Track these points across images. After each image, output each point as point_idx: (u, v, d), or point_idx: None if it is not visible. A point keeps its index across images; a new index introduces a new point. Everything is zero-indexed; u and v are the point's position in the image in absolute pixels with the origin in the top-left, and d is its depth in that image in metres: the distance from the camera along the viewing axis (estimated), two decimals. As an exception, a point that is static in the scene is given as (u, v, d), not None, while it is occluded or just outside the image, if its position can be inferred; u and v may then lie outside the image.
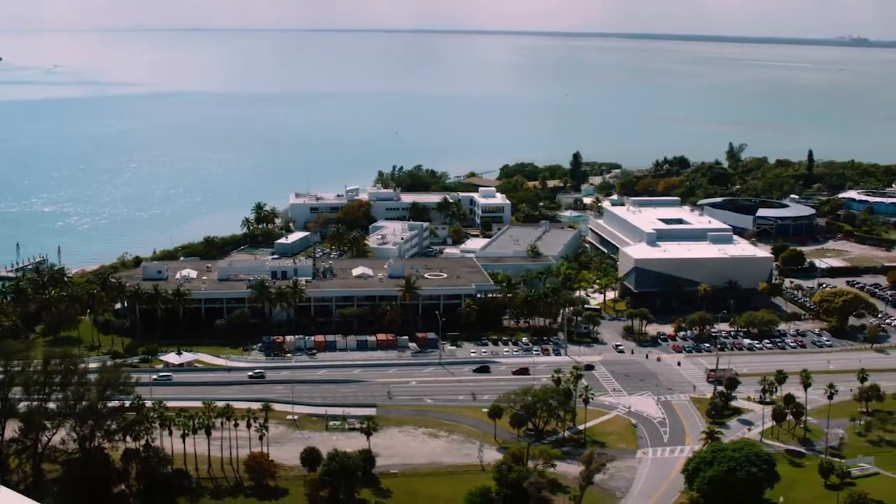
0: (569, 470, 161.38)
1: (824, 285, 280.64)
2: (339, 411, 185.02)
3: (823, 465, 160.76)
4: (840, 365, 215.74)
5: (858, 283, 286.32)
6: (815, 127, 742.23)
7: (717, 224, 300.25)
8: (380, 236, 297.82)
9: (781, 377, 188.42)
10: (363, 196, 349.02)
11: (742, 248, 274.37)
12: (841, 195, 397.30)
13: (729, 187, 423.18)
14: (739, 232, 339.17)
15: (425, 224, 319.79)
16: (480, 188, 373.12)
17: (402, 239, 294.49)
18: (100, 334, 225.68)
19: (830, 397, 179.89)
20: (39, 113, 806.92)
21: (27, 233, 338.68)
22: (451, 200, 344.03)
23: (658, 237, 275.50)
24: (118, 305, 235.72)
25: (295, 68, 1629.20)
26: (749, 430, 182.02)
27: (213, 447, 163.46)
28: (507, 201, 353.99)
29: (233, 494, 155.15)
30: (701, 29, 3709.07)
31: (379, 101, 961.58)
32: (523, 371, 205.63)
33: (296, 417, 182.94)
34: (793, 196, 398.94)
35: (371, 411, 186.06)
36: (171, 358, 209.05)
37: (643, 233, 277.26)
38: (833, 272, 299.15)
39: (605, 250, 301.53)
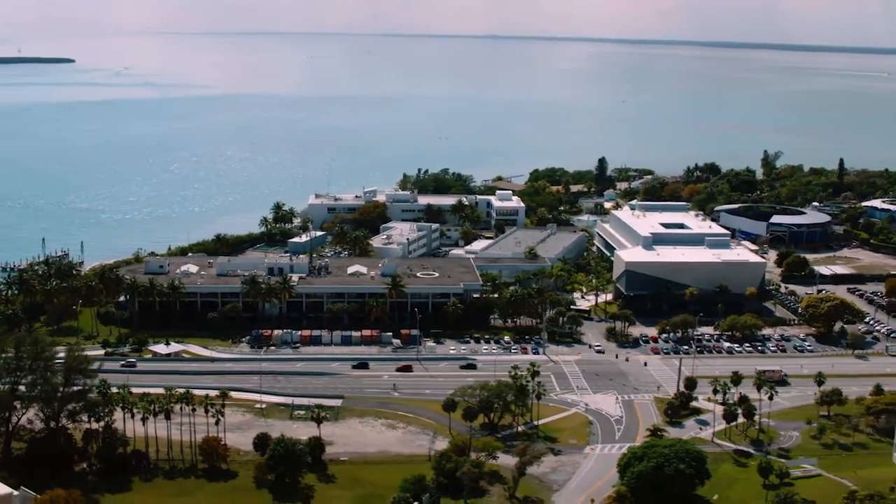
0: (513, 462, 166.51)
1: (823, 292, 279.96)
2: (305, 401, 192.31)
3: (762, 465, 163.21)
4: (814, 370, 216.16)
5: (859, 291, 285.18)
6: (870, 136, 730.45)
7: (717, 229, 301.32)
8: (385, 236, 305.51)
9: (737, 379, 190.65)
10: (380, 197, 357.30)
11: (737, 254, 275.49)
12: (864, 204, 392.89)
13: (754, 195, 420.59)
14: (753, 238, 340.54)
15: (434, 225, 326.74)
16: (498, 191, 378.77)
17: (407, 239, 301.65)
18: (100, 325, 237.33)
19: (770, 398, 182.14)
20: (100, 114, 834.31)
21: (59, 227, 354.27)
22: (465, 203, 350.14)
23: (654, 241, 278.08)
24: (122, 298, 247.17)
25: (361, 72, 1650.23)
26: (701, 429, 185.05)
27: (178, 431, 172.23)
28: (522, 205, 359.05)
29: (185, 475, 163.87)
30: (781, 38, 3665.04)
31: (437, 106, 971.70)
32: (407, 368, 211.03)
33: (263, 406, 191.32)
34: (814, 204, 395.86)
35: (337, 402, 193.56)
36: (160, 348, 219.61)
37: (640, 237, 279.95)
38: (836, 279, 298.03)
39: (609, 253, 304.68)
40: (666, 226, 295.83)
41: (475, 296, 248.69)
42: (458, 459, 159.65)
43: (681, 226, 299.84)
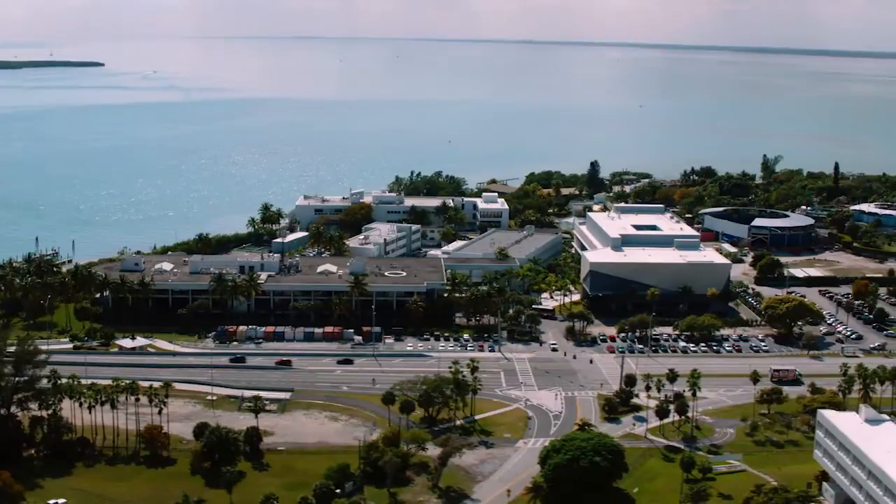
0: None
1: (793, 293, 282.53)
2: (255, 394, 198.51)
3: (684, 460, 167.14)
4: (765, 369, 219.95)
5: (830, 293, 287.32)
6: (884, 142, 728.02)
7: (688, 231, 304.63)
8: (363, 237, 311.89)
9: (672, 376, 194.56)
10: (367, 199, 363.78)
11: (704, 255, 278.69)
12: (853, 208, 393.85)
13: (746, 198, 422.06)
14: (736, 241, 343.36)
15: (415, 227, 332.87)
16: (484, 194, 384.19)
17: (384, 240, 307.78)
18: (76, 320, 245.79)
19: (694, 393, 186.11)
20: (118, 117, 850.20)
21: (57, 226, 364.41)
22: (449, 205, 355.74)
23: (623, 242, 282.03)
24: (98, 295, 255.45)
25: (387, 77, 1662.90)
26: (635, 425, 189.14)
27: (125, 420, 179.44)
28: (506, 207, 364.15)
29: (126, 462, 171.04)
30: (816, 44, 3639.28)
31: (457, 109, 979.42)
32: (286, 363, 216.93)
33: (214, 398, 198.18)
34: (803, 207, 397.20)
35: (286, 395, 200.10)
36: (125, 342, 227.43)
37: (609, 238, 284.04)
38: (810, 281, 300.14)
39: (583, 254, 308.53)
40: (637, 227, 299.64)
41: (446, 295, 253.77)
42: (384, 450, 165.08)
43: (653, 227, 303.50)
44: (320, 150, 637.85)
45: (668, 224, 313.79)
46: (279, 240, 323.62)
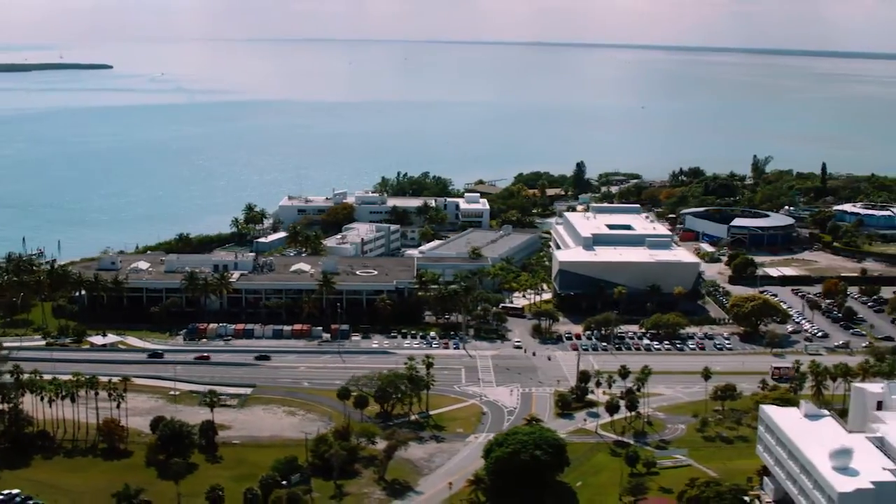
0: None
1: (765, 292, 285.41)
2: (217, 389, 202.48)
3: (629, 455, 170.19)
4: (725, 366, 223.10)
5: (801, 292, 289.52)
6: (881, 142, 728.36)
7: (661, 230, 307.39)
8: (340, 237, 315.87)
9: (624, 372, 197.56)
10: (350, 199, 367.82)
11: (674, 254, 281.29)
12: (836, 208, 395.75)
13: (731, 198, 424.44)
14: (716, 241, 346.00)
15: (394, 227, 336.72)
16: (466, 194, 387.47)
17: (362, 239, 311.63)
18: (53, 318, 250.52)
19: (639, 388, 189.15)
20: (122, 118, 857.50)
21: (48, 226, 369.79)
22: (431, 205, 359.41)
23: (595, 241, 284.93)
24: (76, 293, 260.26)
25: (394, 78, 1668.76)
26: (586, 420, 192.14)
27: (88, 414, 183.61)
28: (487, 207, 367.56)
29: (84, 454, 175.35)
30: (827, 45, 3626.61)
31: (458, 111, 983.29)
32: (203, 358, 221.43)
33: (177, 393, 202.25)
34: (787, 207, 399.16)
35: (248, 391, 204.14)
36: (96, 339, 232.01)
37: (581, 237, 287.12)
38: (784, 281, 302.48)
39: (554, 253, 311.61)
40: (611, 227, 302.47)
41: (416, 293, 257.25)
42: (332, 443, 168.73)
43: (627, 227, 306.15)
44: (316, 152, 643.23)
45: (643, 224, 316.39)
46: (261, 239, 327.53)
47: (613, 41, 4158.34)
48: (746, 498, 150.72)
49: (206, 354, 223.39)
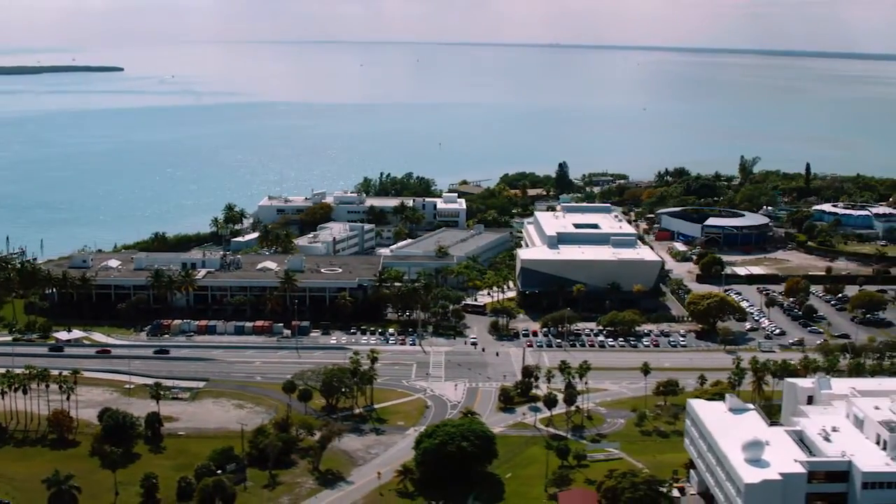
0: (342, 440, 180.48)
1: (730, 291, 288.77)
2: (170, 383, 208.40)
3: (560, 448, 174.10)
4: (675, 363, 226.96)
5: (766, 290, 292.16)
6: (880, 143, 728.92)
7: (627, 229, 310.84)
8: (312, 236, 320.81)
9: (563, 367, 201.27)
10: (329, 199, 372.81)
11: (636, 253, 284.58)
12: (815, 208, 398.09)
13: (711, 199, 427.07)
14: (691, 240, 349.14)
15: (368, 226, 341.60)
16: (444, 194, 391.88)
17: (333, 238, 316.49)
18: (24, 314, 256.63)
19: (569, 384, 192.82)
20: (127, 120, 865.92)
21: (34, 226, 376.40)
22: (408, 205, 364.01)
23: (560, 240, 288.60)
24: (49, 291, 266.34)
25: (404, 80, 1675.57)
26: (525, 415, 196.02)
27: (40, 406, 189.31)
28: (463, 207, 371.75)
29: (33, 444, 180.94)
30: (845, 46, 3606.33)
31: (463, 112, 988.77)
32: (105, 351, 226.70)
33: (131, 387, 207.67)
34: (766, 207, 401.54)
35: (200, 384, 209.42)
36: (62, 335, 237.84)
37: (546, 236, 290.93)
38: (751, 279, 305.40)
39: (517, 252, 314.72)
40: (577, 226, 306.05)
41: (381, 291, 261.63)
42: (270, 434, 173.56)
43: (594, 226, 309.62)
44: (312, 153, 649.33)
45: (610, 223, 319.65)
46: (238, 238, 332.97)
47: (630, 43, 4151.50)
48: (663, 489, 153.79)
49: (106, 349, 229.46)
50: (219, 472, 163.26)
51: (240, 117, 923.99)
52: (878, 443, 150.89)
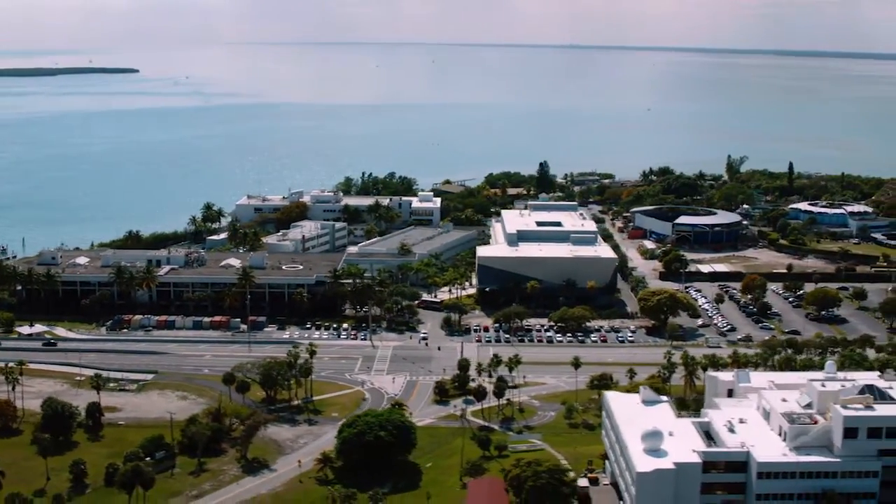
0: (273, 430, 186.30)
1: (689, 288, 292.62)
2: (119, 375, 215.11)
3: (480, 439, 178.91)
4: (618, 358, 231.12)
5: (727, 287, 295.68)
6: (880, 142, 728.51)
7: (589, 227, 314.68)
8: (281, 234, 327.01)
9: (495, 361, 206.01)
10: (305, 199, 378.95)
11: (594, 250, 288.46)
12: (792, 206, 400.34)
13: (692, 197, 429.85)
14: (662, 238, 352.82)
15: (339, 224, 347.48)
16: (420, 193, 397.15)
17: (302, 237, 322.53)
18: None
19: (498, 377, 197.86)
20: (131, 121, 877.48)
21: (18, 224, 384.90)
22: (382, 204, 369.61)
23: (519, 238, 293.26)
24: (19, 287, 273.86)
25: (417, 80, 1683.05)
26: (455, 407, 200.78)
27: None
28: (438, 206, 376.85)
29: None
30: (864, 47, 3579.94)
31: (468, 113, 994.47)
32: (51, 344, 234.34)
33: (81, 378, 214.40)
34: (744, 206, 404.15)
35: (149, 377, 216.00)
36: (24, 329, 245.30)
37: (506, 234, 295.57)
38: (713, 277, 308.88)
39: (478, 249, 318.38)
40: (540, 224, 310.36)
41: (338, 287, 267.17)
42: (200, 423, 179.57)
43: (556, 224, 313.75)
44: (311, 153, 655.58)
45: (572, 221, 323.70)
46: (213, 237, 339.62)
47: (648, 44, 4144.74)
48: (567, 478, 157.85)
49: (53, 342, 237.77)
50: (147, 458, 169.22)
51: (245, 118, 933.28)
52: (780, 434, 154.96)
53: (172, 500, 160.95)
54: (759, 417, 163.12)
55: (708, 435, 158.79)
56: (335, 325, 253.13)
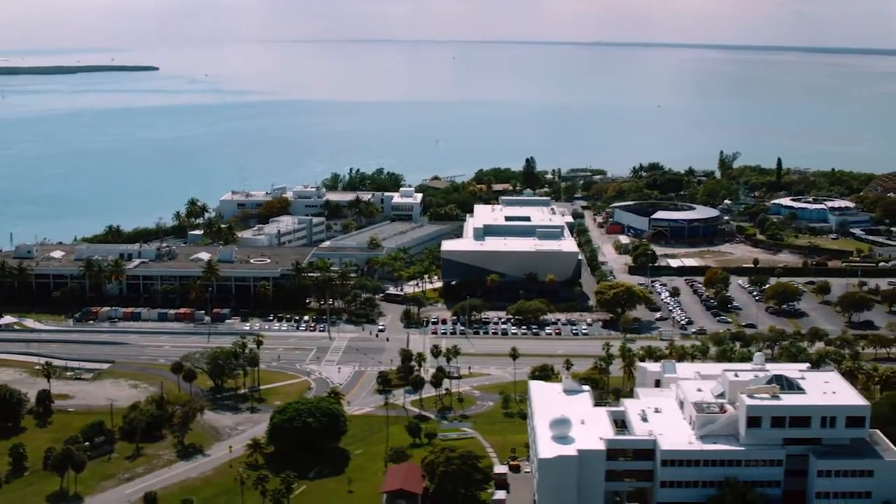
0: (214, 417, 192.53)
1: (655, 282, 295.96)
2: (77, 364, 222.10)
3: (411, 426, 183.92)
4: (569, 350, 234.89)
5: (692, 282, 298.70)
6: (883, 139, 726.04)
7: (557, 222, 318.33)
8: (257, 228, 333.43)
9: (436, 352, 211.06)
10: (288, 194, 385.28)
11: (557, 244, 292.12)
12: (774, 201, 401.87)
13: (676, 192, 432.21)
14: (640, 233, 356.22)
15: (317, 219, 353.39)
16: (401, 189, 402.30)
17: (278, 231, 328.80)
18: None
19: (425, 366, 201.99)
20: (142, 118, 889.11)
21: (15, 219, 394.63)
22: (363, 199, 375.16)
23: (486, 232, 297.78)
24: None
25: (432, 78, 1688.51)
26: (395, 396, 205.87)
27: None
28: (418, 201, 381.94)
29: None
30: (893, 44, 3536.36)
31: (475, 110, 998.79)
32: None
33: (39, 368, 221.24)
34: (727, 201, 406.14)
35: (105, 366, 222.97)
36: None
37: (473, 228, 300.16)
38: (682, 271, 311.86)
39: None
40: (508, 218, 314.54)
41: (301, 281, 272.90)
42: (141, 410, 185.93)
43: (525, 219, 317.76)
44: (313, 149, 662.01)
45: (542, 216, 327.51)
46: (194, 232, 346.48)
47: (675, 41, 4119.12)
48: (479, 464, 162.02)
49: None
50: (87, 443, 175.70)
51: (256, 115, 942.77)
52: (690, 423, 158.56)
53: (105, 483, 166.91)
54: (676, 407, 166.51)
55: (622, 423, 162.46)
56: (296, 318, 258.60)
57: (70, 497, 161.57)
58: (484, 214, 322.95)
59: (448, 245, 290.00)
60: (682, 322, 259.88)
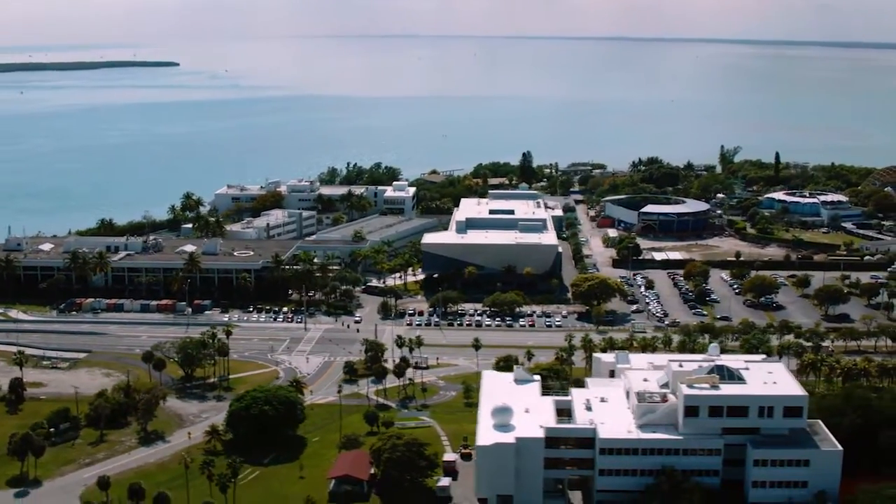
0: (181, 405, 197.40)
1: (637, 275, 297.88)
2: (54, 354, 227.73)
3: (367, 415, 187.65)
4: (538, 341, 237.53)
5: (674, 274, 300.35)
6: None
7: (541, 216, 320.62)
8: (246, 222, 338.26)
9: (400, 342, 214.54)
10: (282, 188, 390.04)
11: (537, 237, 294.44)
12: (767, 195, 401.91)
13: (672, 187, 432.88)
14: (630, 226, 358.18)
15: (306, 213, 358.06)
16: (394, 183, 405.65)
17: (267, 224, 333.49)
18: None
19: (404, 360, 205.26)
20: (158, 113, 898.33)
21: (15, 213, 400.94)
22: (355, 193, 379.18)
23: (468, 225, 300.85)
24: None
25: (451, 74, 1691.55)
26: (359, 385, 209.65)
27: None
28: (410, 195, 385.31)
29: None
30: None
31: (487, 105, 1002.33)
32: None
33: (16, 357, 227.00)
34: (720, 195, 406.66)
35: (81, 355, 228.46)
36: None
37: (456, 221, 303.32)
38: (665, 264, 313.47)
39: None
40: (492, 212, 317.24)
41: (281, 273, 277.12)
42: (107, 397, 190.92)
43: (509, 212, 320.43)
44: (317, 144, 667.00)
45: (526, 209, 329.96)
46: (188, 226, 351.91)
47: (697, 35, 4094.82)
48: (424, 451, 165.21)
49: None
50: (51, 429, 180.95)
51: (272, 110, 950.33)
52: (633, 412, 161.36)
53: (65, 468, 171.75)
54: (622, 396, 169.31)
55: (567, 413, 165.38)
56: (275, 309, 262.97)
57: (29, 481, 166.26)
58: (468, 208, 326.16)
59: (428, 238, 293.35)
60: (659, 315, 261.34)
